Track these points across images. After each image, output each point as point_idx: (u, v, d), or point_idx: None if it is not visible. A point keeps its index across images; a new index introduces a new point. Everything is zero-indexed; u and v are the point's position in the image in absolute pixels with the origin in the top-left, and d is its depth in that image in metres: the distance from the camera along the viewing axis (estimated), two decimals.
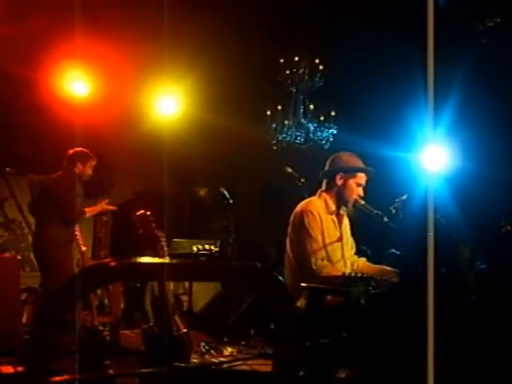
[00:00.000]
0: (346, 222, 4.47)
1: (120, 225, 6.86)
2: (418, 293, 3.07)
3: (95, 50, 6.69)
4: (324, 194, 4.37)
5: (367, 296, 3.64)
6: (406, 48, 6.05)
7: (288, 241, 4.34)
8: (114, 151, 8.23)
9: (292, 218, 4.32)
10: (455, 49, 6.43)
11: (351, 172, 4.34)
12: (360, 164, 4.40)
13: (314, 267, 4.08)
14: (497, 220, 5.33)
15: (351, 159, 4.40)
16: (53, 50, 6.74)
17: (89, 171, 6.08)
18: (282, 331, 1.45)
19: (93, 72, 7.35)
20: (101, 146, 7.47)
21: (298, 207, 4.32)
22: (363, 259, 4.50)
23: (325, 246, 4.20)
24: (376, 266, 4.43)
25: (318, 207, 4.27)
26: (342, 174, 4.33)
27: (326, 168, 4.45)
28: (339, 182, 4.32)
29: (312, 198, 4.41)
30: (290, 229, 4.33)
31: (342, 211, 4.39)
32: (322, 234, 4.21)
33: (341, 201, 4.35)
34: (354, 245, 4.56)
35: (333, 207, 4.33)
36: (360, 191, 4.35)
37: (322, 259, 4.14)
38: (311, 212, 4.21)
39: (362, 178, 4.36)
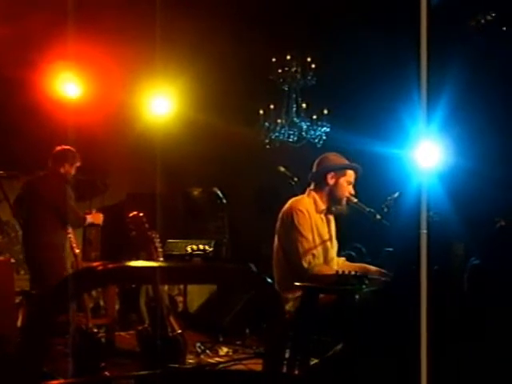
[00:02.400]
0: (333, 222, 4.49)
1: (113, 226, 6.84)
2: (412, 290, 3.08)
3: (87, 52, 6.68)
4: (313, 193, 4.38)
5: (361, 294, 3.65)
6: (399, 45, 6.05)
7: (276, 238, 4.35)
8: (107, 152, 8.21)
9: (281, 215, 4.32)
10: (448, 46, 6.43)
11: (341, 170, 4.36)
12: (347, 162, 4.43)
13: (305, 265, 4.08)
14: (491, 216, 5.33)
15: (339, 158, 4.43)
16: (45, 52, 6.73)
17: (72, 171, 6.02)
18: (272, 331, 1.45)
19: (85, 73, 7.34)
20: (94, 148, 7.46)
21: (287, 205, 4.32)
22: (342, 259, 4.53)
23: (315, 245, 4.21)
24: (357, 264, 4.45)
25: (307, 205, 4.28)
26: (332, 173, 4.35)
27: (314, 169, 4.47)
28: (331, 181, 4.33)
29: (301, 196, 4.42)
30: (278, 226, 4.34)
31: (332, 210, 4.40)
32: (312, 233, 4.22)
33: (333, 200, 4.36)
34: (336, 246, 4.56)
35: (322, 206, 4.34)
36: (351, 189, 4.36)
37: (313, 257, 4.14)
38: (300, 210, 4.21)
39: (351, 175, 4.38)
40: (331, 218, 4.47)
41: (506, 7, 6.67)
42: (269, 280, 1.51)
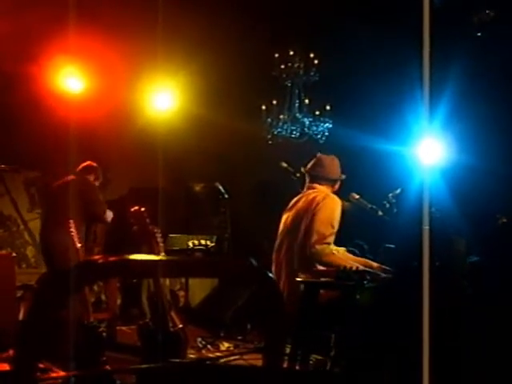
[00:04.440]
0: None
1: (115, 221, 6.84)
2: (413, 286, 3.07)
3: (89, 46, 6.67)
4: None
5: (362, 290, 3.65)
6: (402, 42, 6.04)
7: (305, 219, 4.39)
8: (109, 147, 8.21)
9: (322, 199, 4.39)
10: (450, 42, 6.42)
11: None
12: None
13: (319, 247, 4.15)
14: (492, 213, 5.33)
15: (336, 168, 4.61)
16: (47, 47, 6.71)
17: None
18: (272, 326, 1.45)
19: (87, 68, 7.33)
20: (96, 142, 7.46)
21: (330, 195, 4.44)
22: (342, 249, 4.54)
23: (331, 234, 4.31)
24: (359, 258, 4.48)
25: None
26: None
27: (332, 172, 4.60)
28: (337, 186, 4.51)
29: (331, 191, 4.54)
30: (313, 207, 4.38)
31: None
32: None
33: None
34: None
35: None
36: None
37: (328, 245, 4.21)
38: (341, 205, 4.35)
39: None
40: None
41: (507, 4, 6.66)
42: (270, 274, 1.51)
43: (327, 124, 8.43)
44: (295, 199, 4.63)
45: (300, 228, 4.38)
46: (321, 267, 4.17)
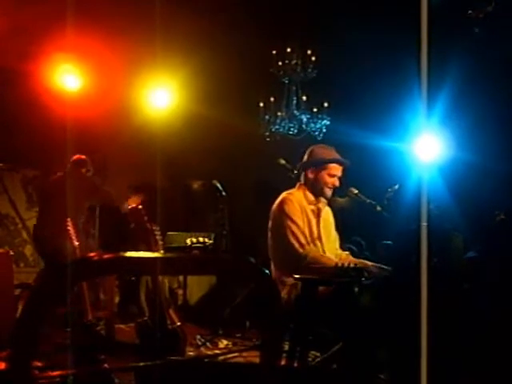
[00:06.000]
0: (326, 214, 4.46)
1: (113, 218, 6.84)
2: (411, 282, 3.07)
3: (87, 44, 6.66)
4: (302, 186, 4.41)
5: (360, 287, 3.65)
6: (400, 38, 6.04)
7: (270, 234, 4.35)
8: (106, 145, 8.20)
9: (272, 210, 4.34)
10: (448, 38, 6.41)
11: (320, 165, 4.37)
12: (333, 155, 4.40)
13: (301, 250, 4.09)
14: (491, 209, 5.33)
15: (323, 151, 4.42)
16: (44, 44, 6.71)
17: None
18: (269, 322, 1.45)
19: (85, 65, 7.32)
20: (93, 140, 7.45)
21: (278, 199, 4.35)
22: (346, 253, 4.50)
23: (305, 236, 4.21)
24: (356, 260, 4.43)
25: (296, 197, 4.31)
26: (312, 167, 4.37)
27: (304, 160, 4.51)
28: (311, 175, 4.38)
29: (291, 190, 4.44)
30: (270, 221, 4.34)
31: (321, 204, 4.40)
32: (303, 222, 4.23)
33: (316, 193, 4.39)
34: (337, 238, 4.54)
35: (312, 197, 4.36)
36: (335, 181, 4.36)
37: (308, 243, 4.15)
38: (290, 200, 4.25)
39: (334, 168, 4.37)
40: (324, 210, 4.44)
41: None
42: (266, 271, 1.50)
43: (325, 121, 8.45)
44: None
45: (273, 239, 4.36)
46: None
